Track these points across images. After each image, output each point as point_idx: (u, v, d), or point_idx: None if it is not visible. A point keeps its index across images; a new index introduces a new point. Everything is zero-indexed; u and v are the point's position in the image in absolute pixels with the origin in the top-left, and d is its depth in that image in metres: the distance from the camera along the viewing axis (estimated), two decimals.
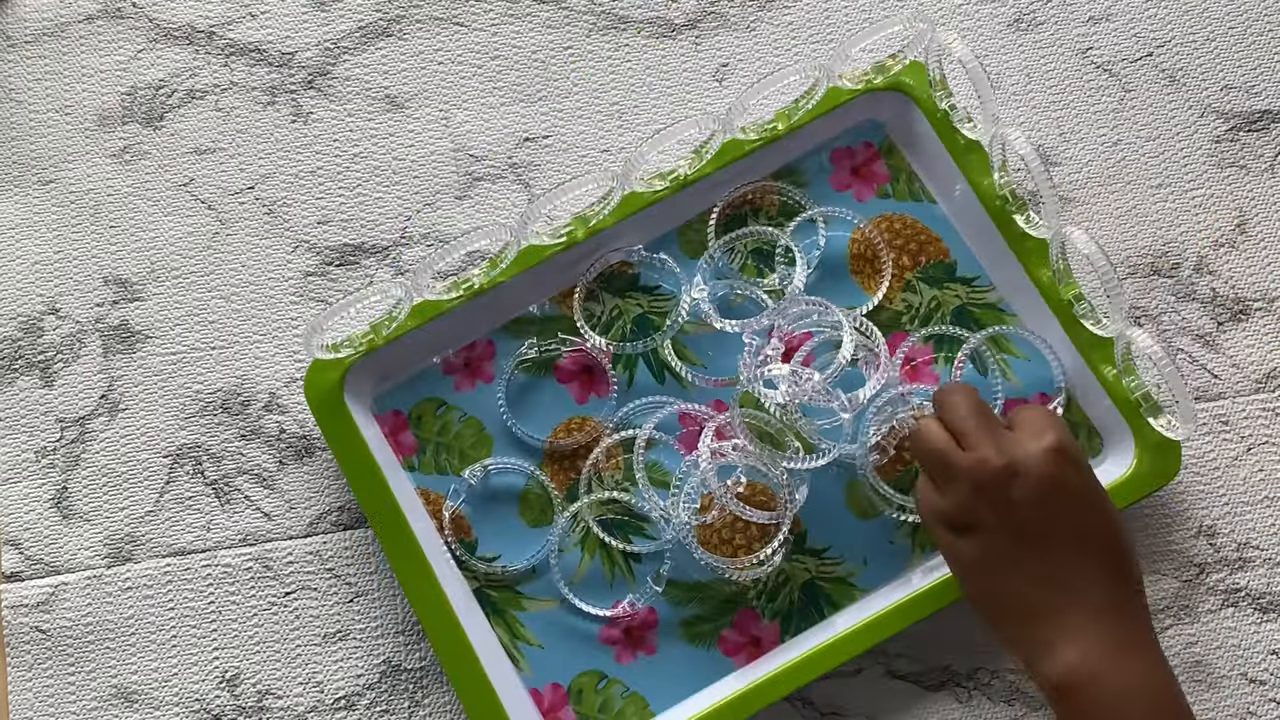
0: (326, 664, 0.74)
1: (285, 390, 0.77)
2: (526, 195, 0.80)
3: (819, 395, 0.71)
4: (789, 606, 0.73)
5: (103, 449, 0.77)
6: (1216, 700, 0.73)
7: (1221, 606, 0.74)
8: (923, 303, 0.76)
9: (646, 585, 0.73)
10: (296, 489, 0.76)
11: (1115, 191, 0.80)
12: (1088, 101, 0.81)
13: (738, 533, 0.73)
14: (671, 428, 0.75)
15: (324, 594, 0.75)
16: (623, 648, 0.72)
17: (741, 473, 0.72)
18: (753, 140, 0.76)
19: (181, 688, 0.74)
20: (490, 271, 0.75)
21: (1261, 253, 0.79)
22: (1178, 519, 0.75)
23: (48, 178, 0.81)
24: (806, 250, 0.77)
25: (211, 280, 0.79)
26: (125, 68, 0.82)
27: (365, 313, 0.76)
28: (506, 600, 0.73)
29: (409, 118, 0.81)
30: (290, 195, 0.80)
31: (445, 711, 0.73)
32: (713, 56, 0.82)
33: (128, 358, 0.78)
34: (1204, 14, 0.82)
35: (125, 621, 0.74)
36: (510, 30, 0.83)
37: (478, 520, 0.74)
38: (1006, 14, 0.82)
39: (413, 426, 0.75)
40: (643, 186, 0.76)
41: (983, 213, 0.75)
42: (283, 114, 0.81)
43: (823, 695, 0.72)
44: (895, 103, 0.77)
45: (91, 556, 0.75)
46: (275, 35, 0.82)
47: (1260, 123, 0.81)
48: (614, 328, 0.76)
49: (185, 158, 0.81)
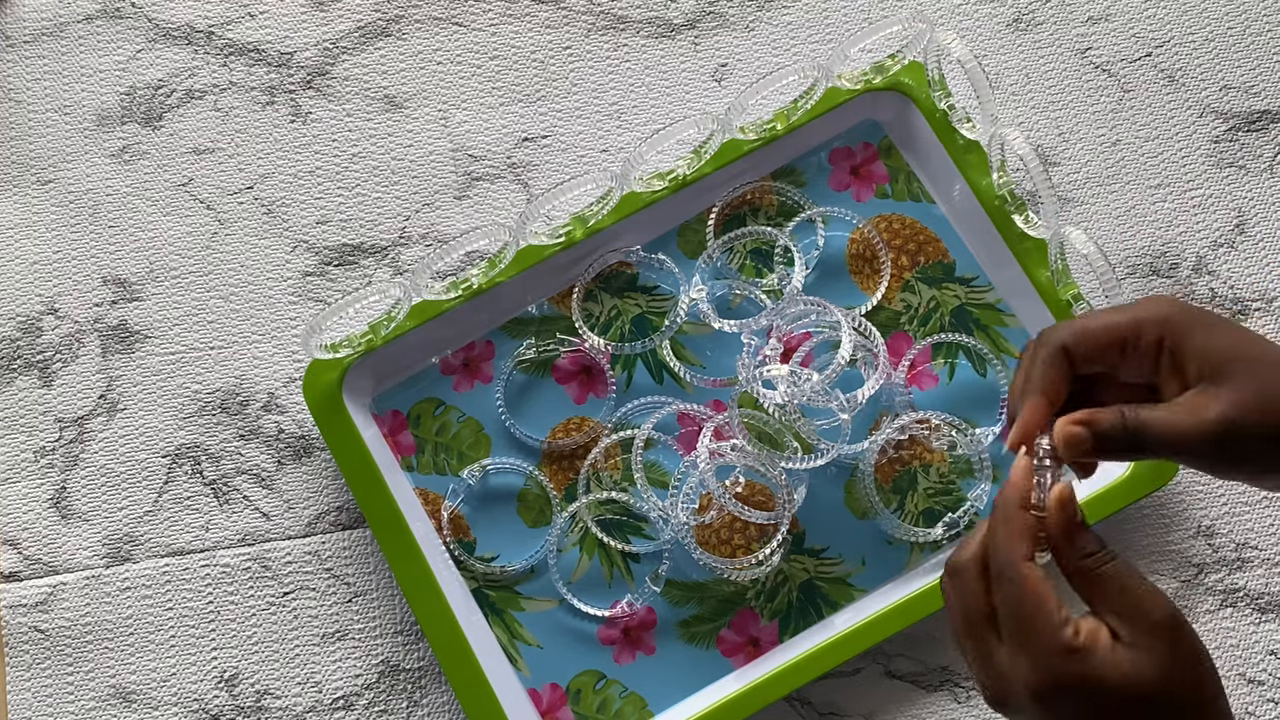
0: (325, 664, 0.74)
1: (284, 390, 0.77)
2: (525, 195, 0.80)
3: (817, 396, 0.71)
4: (787, 606, 0.73)
5: (101, 449, 0.77)
6: None
7: (1220, 607, 0.74)
8: (921, 303, 0.76)
9: (645, 585, 0.73)
10: (295, 489, 0.76)
11: (1114, 191, 0.80)
12: (1086, 101, 0.81)
13: (736, 533, 0.73)
14: (670, 428, 0.75)
15: (322, 594, 0.75)
16: (621, 648, 0.72)
17: (740, 473, 0.72)
18: (751, 140, 0.76)
19: (180, 688, 0.74)
20: (489, 271, 0.75)
21: (1260, 253, 0.79)
22: (1176, 519, 0.75)
23: (47, 177, 0.81)
24: (805, 250, 0.77)
25: (210, 280, 0.79)
26: (124, 68, 0.82)
27: (364, 313, 0.76)
28: (505, 600, 0.73)
29: (408, 118, 0.81)
30: (289, 195, 0.80)
31: (444, 711, 0.73)
32: (711, 56, 0.82)
33: (126, 358, 0.78)
34: (1203, 14, 0.82)
35: (124, 621, 0.74)
36: (509, 30, 0.83)
37: (476, 520, 0.74)
38: (1005, 14, 0.82)
39: (411, 426, 0.75)
40: (641, 186, 0.76)
41: (981, 213, 0.75)
42: (281, 114, 0.81)
43: (821, 695, 0.72)
44: (894, 103, 0.77)
45: (90, 556, 0.75)
46: (274, 35, 0.82)
47: (1259, 123, 0.81)
48: (613, 328, 0.76)
49: (184, 157, 0.81)
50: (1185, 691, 0.47)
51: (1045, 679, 0.47)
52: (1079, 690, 0.46)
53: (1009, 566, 0.48)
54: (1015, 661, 0.48)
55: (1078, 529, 0.49)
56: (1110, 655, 0.46)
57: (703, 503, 0.73)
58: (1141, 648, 0.47)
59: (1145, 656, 0.46)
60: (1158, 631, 0.47)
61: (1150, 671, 0.46)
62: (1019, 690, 0.48)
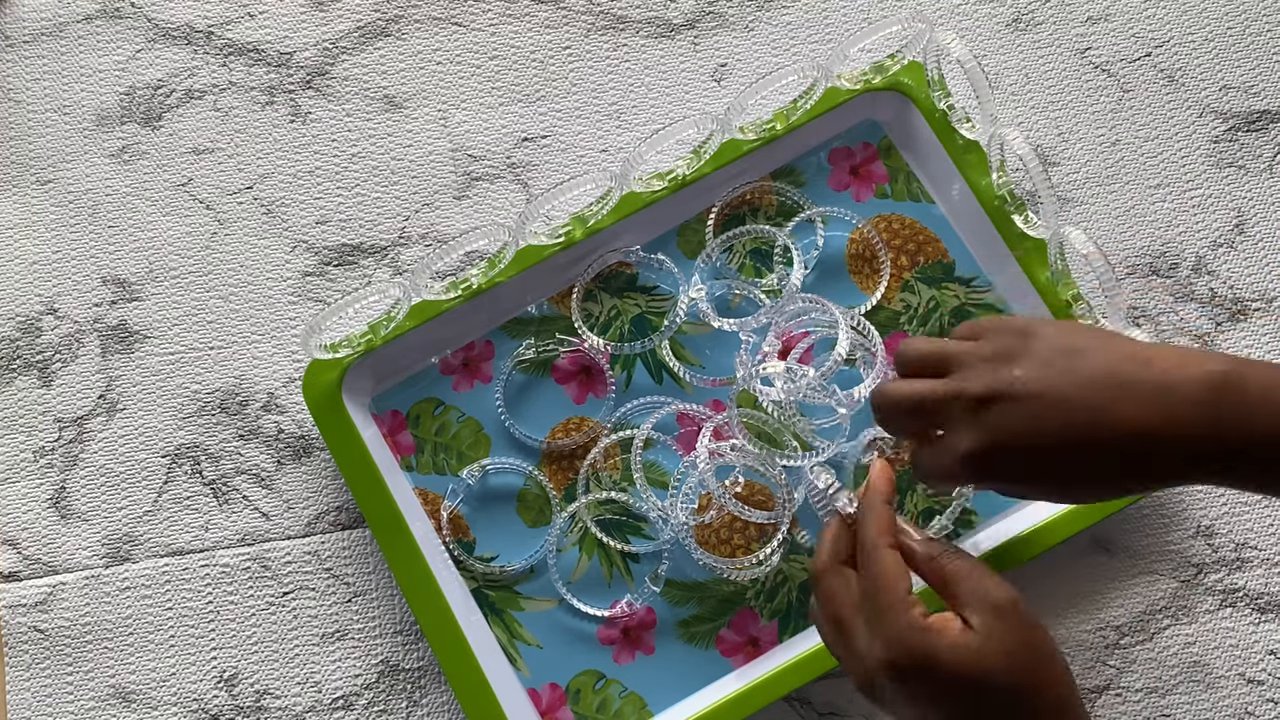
0: (324, 664, 0.74)
1: (283, 390, 0.77)
2: (525, 195, 0.80)
3: (814, 392, 0.71)
4: (787, 606, 0.73)
5: (101, 449, 0.77)
6: (1214, 700, 0.73)
7: (1219, 607, 0.74)
8: (921, 303, 0.76)
9: (644, 585, 0.73)
10: (295, 489, 0.76)
11: (1114, 192, 0.80)
12: (1086, 101, 0.81)
13: (736, 533, 0.73)
14: (669, 428, 0.75)
15: (322, 594, 0.75)
16: (621, 647, 0.72)
17: (739, 472, 0.72)
18: (751, 140, 0.76)
19: (179, 687, 0.74)
20: (489, 271, 0.75)
21: (1260, 253, 0.79)
22: (1176, 519, 0.75)
23: (46, 178, 0.81)
24: (805, 250, 0.77)
25: (210, 280, 0.79)
26: (124, 68, 0.82)
27: (363, 313, 0.76)
28: (504, 600, 0.73)
29: (407, 118, 0.81)
30: (289, 195, 0.80)
31: (443, 711, 0.73)
32: (711, 56, 0.82)
33: (126, 358, 0.78)
34: (1203, 14, 0.82)
35: (123, 621, 0.74)
36: (509, 30, 0.83)
37: (476, 520, 0.74)
38: (1005, 14, 0.82)
39: (411, 426, 0.75)
40: (641, 186, 0.76)
41: (981, 213, 0.75)
42: (281, 114, 0.81)
43: (821, 695, 0.72)
44: (894, 103, 0.77)
45: (90, 556, 0.75)
46: (273, 35, 0.82)
47: (1259, 123, 0.81)
48: (612, 328, 0.76)
49: (183, 157, 0.81)
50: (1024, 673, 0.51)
51: (899, 652, 0.51)
52: (929, 666, 0.51)
53: (873, 550, 0.54)
54: (873, 641, 0.52)
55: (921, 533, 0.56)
56: (959, 637, 0.51)
57: (702, 502, 0.73)
58: (984, 631, 0.51)
59: (987, 640, 0.51)
60: (998, 613, 0.52)
61: (991, 651, 0.51)
62: (877, 669, 0.52)
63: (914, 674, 0.51)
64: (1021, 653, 0.51)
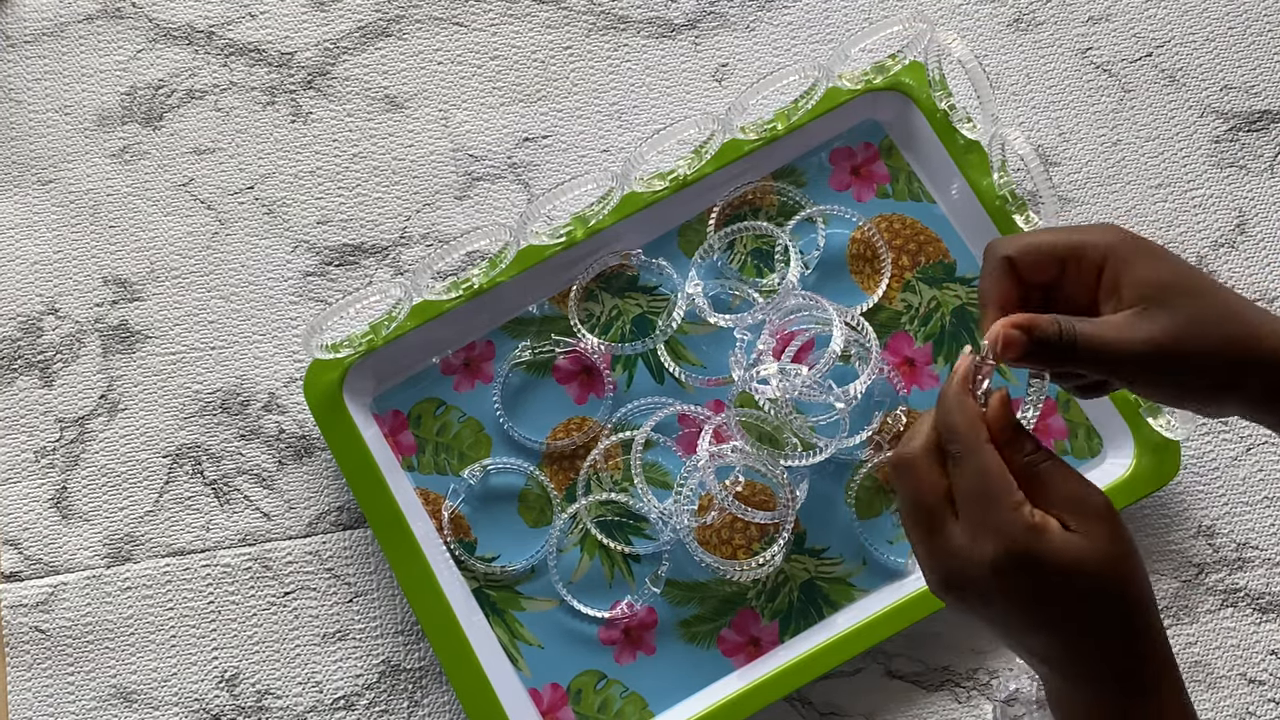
0: (326, 664, 0.74)
1: (285, 390, 0.77)
2: (526, 195, 0.80)
3: (810, 390, 0.71)
4: (788, 606, 0.73)
5: (102, 449, 0.77)
6: (1216, 700, 0.73)
7: (1221, 607, 0.74)
8: (922, 303, 0.76)
9: (645, 586, 0.73)
10: (296, 489, 0.76)
11: (1115, 191, 0.80)
12: (1087, 102, 0.81)
13: (737, 533, 0.73)
14: (670, 429, 0.75)
15: (323, 594, 0.75)
16: (622, 648, 0.72)
17: (740, 472, 0.72)
18: (752, 140, 0.76)
19: (181, 687, 0.74)
20: (490, 271, 0.75)
21: (1261, 253, 0.79)
22: (1177, 519, 0.75)
23: (47, 178, 0.81)
24: (806, 249, 0.77)
25: (211, 280, 0.79)
26: (125, 68, 0.82)
27: (365, 313, 0.76)
28: (506, 600, 0.73)
29: (408, 118, 0.81)
30: (290, 195, 0.80)
31: (444, 711, 0.73)
32: (712, 56, 0.82)
33: (127, 358, 0.78)
34: (1204, 14, 0.82)
35: (124, 621, 0.74)
36: (510, 30, 0.83)
37: (477, 520, 0.74)
38: (1006, 14, 0.82)
39: (412, 426, 0.75)
40: (642, 186, 0.76)
41: (982, 213, 0.75)
42: (282, 114, 0.81)
43: (822, 695, 0.72)
44: (895, 103, 0.77)
45: (91, 556, 0.75)
46: (274, 35, 0.82)
47: (1260, 123, 0.81)
48: (613, 328, 0.76)
49: (185, 158, 0.81)
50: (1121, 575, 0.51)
51: (1008, 552, 0.50)
52: (1035, 565, 0.49)
53: (973, 449, 0.51)
54: (976, 538, 0.50)
55: (1019, 428, 0.52)
56: (1063, 537, 0.50)
57: (703, 503, 0.73)
58: (1085, 534, 0.50)
59: (1089, 542, 0.50)
60: (1098, 519, 0.51)
61: (1094, 554, 0.50)
62: (977, 565, 0.50)
63: (1019, 573, 0.50)
64: (1119, 556, 0.51)
